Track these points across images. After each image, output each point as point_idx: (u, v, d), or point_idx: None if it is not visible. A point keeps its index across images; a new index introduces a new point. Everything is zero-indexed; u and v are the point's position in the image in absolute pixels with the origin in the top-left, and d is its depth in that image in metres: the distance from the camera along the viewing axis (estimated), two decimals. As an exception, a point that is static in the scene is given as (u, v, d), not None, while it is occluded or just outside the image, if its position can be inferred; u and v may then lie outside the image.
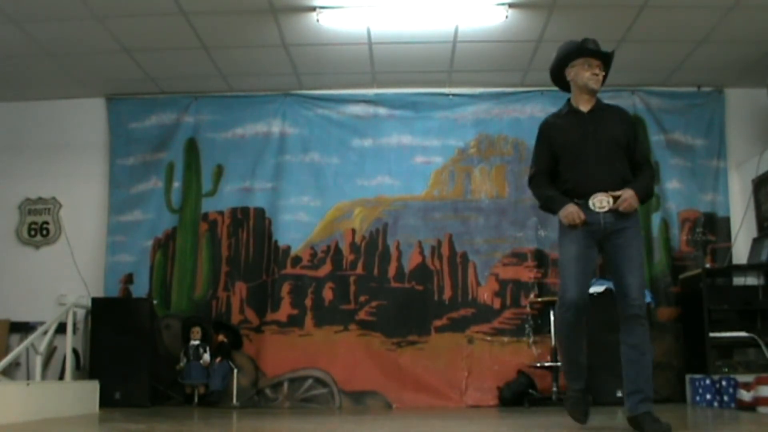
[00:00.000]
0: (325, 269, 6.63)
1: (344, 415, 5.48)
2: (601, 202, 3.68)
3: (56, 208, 6.89)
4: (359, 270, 6.61)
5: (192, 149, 6.89)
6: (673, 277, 6.50)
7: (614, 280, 3.75)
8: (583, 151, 3.79)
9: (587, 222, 3.68)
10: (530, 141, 6.71)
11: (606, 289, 6.04)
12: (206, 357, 6.18)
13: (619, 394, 5.79)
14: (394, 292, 6.56)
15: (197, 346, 6.24)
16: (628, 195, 3.64)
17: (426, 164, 6.80)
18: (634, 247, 3.69)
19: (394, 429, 4.16)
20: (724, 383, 5.44)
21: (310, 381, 6.40)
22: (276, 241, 6.68)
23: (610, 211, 3.66)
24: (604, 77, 3.85)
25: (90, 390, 5.50)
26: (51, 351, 6.29)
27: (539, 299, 6.38)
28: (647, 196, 3.78)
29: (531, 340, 6.44)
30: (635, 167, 3.81)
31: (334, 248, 6.66)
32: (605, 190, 3.68)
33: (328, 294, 6.58)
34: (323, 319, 6.52)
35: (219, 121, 6.92)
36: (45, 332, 5.78)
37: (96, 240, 6.80)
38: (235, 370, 6.27)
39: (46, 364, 6.15)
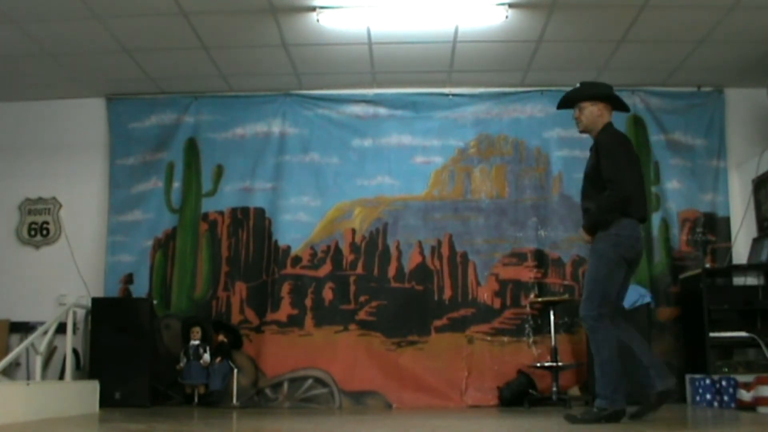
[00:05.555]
0: (325, 269, 6.63)
1: (344, 415, 5.48)
2: None
3: (56, 208, 6.90)
4: (359, 270, 6.61)
5: (192, 149, 6.89)
6: (673, 277, 6.50)
7: None
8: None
9: None
10: (530, 141, 6.81)
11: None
12: (206, 357, 6.18)
13: (619, 394, 5.80)
14: (394, 292, 6.56)
15: (197, 346, 6.24)
16: (579, 233, 4.55)
17: (426, 164, 6.80)
18: (588, 265, 4.32)
19: (394, 429, 4.15)
20: (724, 383, 5.43)
21: (310, 381, 6.40)
22: (276, 241, 6.68)
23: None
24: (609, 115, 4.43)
25: (90, 390, 5.50)
26: (51, 351, 6.29)
27: (539, 299, 6.38)
28: (597, 222, 4.22)
29: (531, 340, 6.44)
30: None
31: (334, 248, 6.66)
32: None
33: (328, 294, 6.58)
34: (323, 319, 6.52)
35: (219, 121, 6.92)
36: (45, 332, 5.78)
37: (96, 240, 6.80)
38: (235, 370, 6.27)
39: (46, 364, 6.15)
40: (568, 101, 4.50)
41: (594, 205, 4.22)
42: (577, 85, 4.53)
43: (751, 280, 6.29)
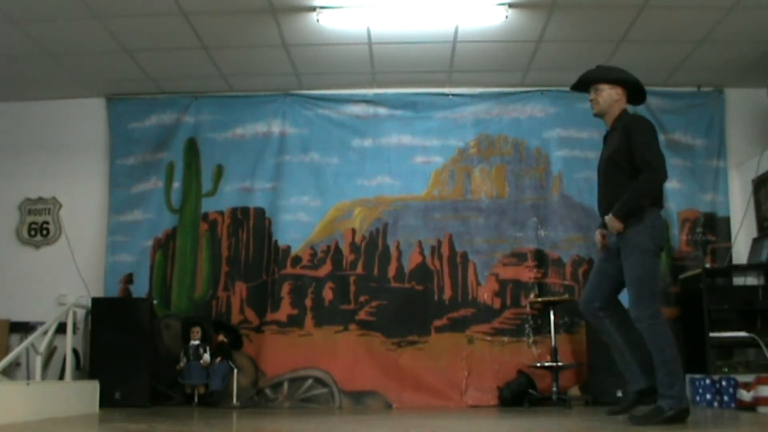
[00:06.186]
0: (325, 269, 6.63)
1: (344, 415, 5.48)
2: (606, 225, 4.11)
3: (56, 208, 6.90)
4: (359, 270, 6.61)
5: (192, 149, 6.89)
6: (673, 277, 6.49)
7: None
8: (598, 175, 4.27)
9: (608, 242, 4.19)
10: (530, 141, 6.81)
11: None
12: (206, 357, 6.18)
13: (620, 393, 5.81)
14: (394, 292, 6.56)
15: (197, 346, 6.24)
16: (608, 220, 4.04)
17: (426, 164, 6.79)
18: (627, 264, 4.02)
19: (394, 429, 4.15)
20: (724, 383, 5.44)
21: (310, 381, 6.40)
22: (276, 241, 6.68)
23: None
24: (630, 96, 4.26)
25: (90, 390, 5.50)
26: (51, 351, 6.29)
27: (539, 299, 6.38)
28: (631, 209, 3.97)
29: (531, 340, 6.44)
30: (639, 175, 4.01)
31: (334, 248, 6.66)
32: (606, 212, 4.08)
33: (328, 294, 6.58)
34: (323, 319, 6.52)
35: (219, 121, 6.92)
36: (45, 332, 5.78)
37: (96, 240, 6.80)
38: (235, 370, 6.26)
39: (46, 364, 6.15)
40: (585, 82, 4.28)
41: (623, 189, 3.99)
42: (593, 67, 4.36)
43: (751, 280, 6.28)
